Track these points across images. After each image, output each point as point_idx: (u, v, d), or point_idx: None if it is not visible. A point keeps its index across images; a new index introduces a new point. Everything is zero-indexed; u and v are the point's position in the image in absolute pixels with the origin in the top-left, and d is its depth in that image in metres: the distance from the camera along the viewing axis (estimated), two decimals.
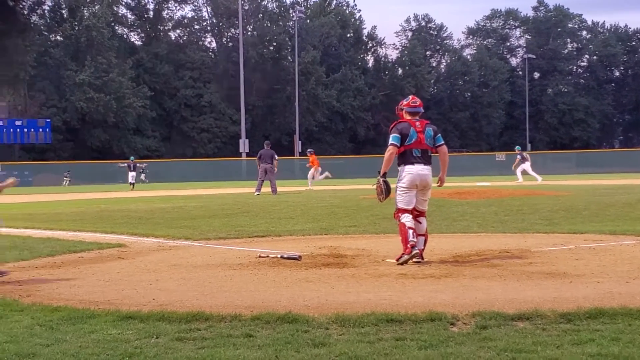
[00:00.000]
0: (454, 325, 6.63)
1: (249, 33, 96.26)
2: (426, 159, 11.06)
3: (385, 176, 11.19)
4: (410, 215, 10.96)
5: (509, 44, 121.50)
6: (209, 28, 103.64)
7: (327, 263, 10.83)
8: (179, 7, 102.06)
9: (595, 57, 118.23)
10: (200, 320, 6.92)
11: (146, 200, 31.93)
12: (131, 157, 56.96)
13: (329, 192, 34.61)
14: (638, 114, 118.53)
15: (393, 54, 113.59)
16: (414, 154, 10.98)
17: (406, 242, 10.79)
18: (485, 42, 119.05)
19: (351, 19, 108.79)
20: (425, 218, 11.18)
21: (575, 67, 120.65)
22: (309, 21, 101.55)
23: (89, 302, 8.04)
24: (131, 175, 51.18)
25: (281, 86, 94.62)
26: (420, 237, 10.94)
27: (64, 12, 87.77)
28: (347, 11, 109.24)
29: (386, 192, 11.22)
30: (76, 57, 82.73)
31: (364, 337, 6.24)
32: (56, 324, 6.95)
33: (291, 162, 75.63)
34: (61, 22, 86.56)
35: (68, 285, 9.41)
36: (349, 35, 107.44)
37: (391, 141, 11.03)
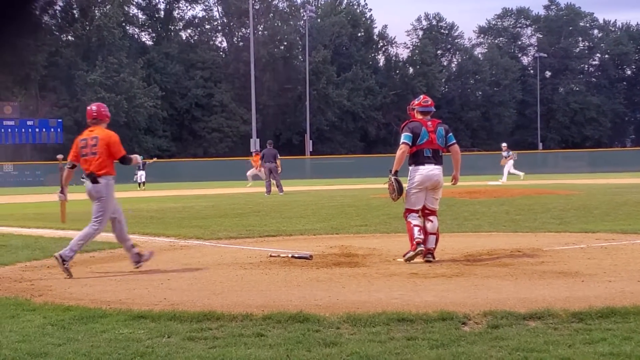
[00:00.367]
0: (466, 324, 6.62)
1: (260, 32, 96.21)
2: (437, 159, 11.07)
3: (397, 174, 11.18)
4: (416, 214, 11.01)
5: (520, 42, 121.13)
6: (219, 28, 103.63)
7: (338, 262, 10.84)
8: (189, 7, 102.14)
9: (606, 56, 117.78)
10: (211, 320, 6.93)
11: (157, 199, 32.00)
12: (140, 156, 57.09)
13: (339, 192, 34.60)
14: None
15: (404, 53, 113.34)
16: (425, 154, 11.00)
17: (412, 239, 10.87)
18: (496, 41, 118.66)
19: (362, 18, 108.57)
20: (436, 217, 11.18)
21: (586, 66, 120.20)
22: (319, 20, 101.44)
23: (100, 301, 8.06)
24: (140, 174, 51.37)
25: (292, 85, 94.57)
26: (431, 236, 10.96)
27: (75, 12, 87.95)
28: (358, 10, 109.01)
29: (398, 190, 11.22)
30: (87, 57, 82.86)
31: (375, 337, 6.23)
32: (68, 323, 6.97)
33: (302, 161, 75.60)
34: (72, 22, 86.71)
35: (80, 284, 9.44)
36: (359, 34, 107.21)
37: (403, 140, 11.05)
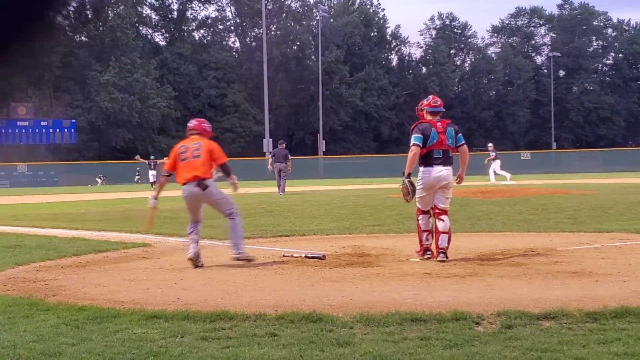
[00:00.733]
0: (479, 324, 6.61)
1: (273, 32, 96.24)
2: (447, 159, 11.07)
3: (409, 177, 11.19)
4: (427, 216, 11.05)
5: (533, 42, 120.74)
6: (232, 28, 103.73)
7: (352, 262, 10.84)
8: (202, 7, 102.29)
9: (620, 55, 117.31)
10: (224, 320, 6.94)
11: (170, 199, 31.99)
12: (151, 156, 57.42)
13: (352, 192, 34.59)
14: None
15: (417, 52, 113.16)
16: (434, 155, 11.00)
17: (421, 243, 10.93)
18: (509, 41, 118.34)
19: (375, 17, 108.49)
20: (447, 216, 11.14)
21: (600, 65, 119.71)
22: (332, 20, 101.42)
23: (114, 301, 8.09)
24: (152, 174, 51.53)
25: (305, 85, 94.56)
26: (443, 235, 10.95)
27: (88, 13, 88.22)
28: (371, 10, 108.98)
29: (412, 192, 11.22)
30: (101, 57, 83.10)
31: (389, 337, 6.23)
32: (82, 323, 6.99)
33: (315, 161, 75.59)
34: (86, 22, 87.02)
35: (93, 284, 9.47)
36: (372, 34, 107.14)
37: (413, 141, 11.02)
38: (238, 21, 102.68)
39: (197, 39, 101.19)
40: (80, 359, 5.79)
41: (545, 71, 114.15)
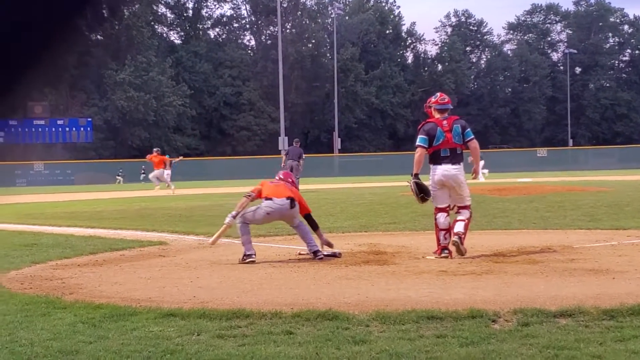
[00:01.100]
0: (496, 322, 6.59)
1: (288, 30, 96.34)
2: (455, 157, 11.08)
3: (417, 177, 11.23)
4: (444, 214, 11.04)
5: (549, 39, 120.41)
6: (247, 26, 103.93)
7: (367, 260, 10.83)
8: (218, 6, 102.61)
9: (637, 52, 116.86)
10: (240, 318, 6.94)
11: (186, 198, 32.12)
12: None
13: (368, 190, 34.56)
14: None
15: (432, 50, 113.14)
16: (441, 154, 11.06)
17: (438, 242, 10.91)
18: (525, 37, 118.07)
19: (390, 15, 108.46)
20: (468, 210, 11.22)
21: (617, 62, 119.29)
22: (347, 18, 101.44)
23: (130, 299, 8.10)
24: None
25: (320, 83, 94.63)
26: (460, 222, 10.99)
27: (104, 11, 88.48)
28: (386, 7, 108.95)
29: (419, 191, 11.22)
30: (116, 56, 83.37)
31: (405, 334, 6.21)
32: (99, 321, 7.01)
33: (330, 159, 75.61)
34: (102, 21, 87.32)
35: (110, 282, 9.49)
36: (387, 31, 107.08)
37: (418, 143, 11.19)
38: (253, 19, 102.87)
39: (212, 37, 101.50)
40: (97, 357, 5.81)
41: (562, 68, 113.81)
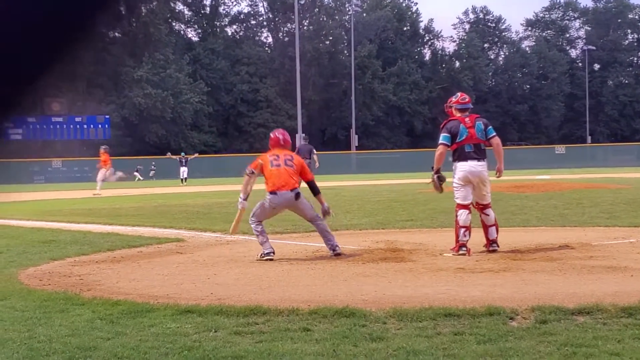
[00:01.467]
0: (513, 319, 6.57)
1: (305, 27, 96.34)
2: (480, 153, 11.13)
3: (439, 172, 11.38)
4: (466, 212, 11.03)
5: (568, 35, 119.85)
6: (265, 23, 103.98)
7: (385, 257, 10.82)
8: (235, 3, 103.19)
9: None
10: (258, 314, 6.94)
11: (203, 195, 32.18)
12: (182, 152, 58.31)
13: (385, 187, 34.53)
14: None
15: (450, 46, 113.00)
16: (466, 149, 11.10)
17: (457, 239, 10.92)
18: (544, 34, 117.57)
19: (407, 12, 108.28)
20: (491, 209, 11.28)
21: (636, 59, 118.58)
22: (365, 15, 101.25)
23: (148, 296, 8.13)
24: (182, 171, 52.55)
25: (337, 80, 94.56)
26: (491, 228, 11.18)
27: (121, 9, 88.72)
28: (404, 4, 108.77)
29: (441, 184, 11.47)
30: (134, 53, 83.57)
31: (422, 332, 6.20)
32: (116, 317, 7.03)
33: (347, 156, 75.58)
34: (119, 18, 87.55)
35: (128, 279, 9.52)
36: (405, 28, 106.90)
37: (441, 140, 11.30)
38: (270, 16, 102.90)
39: (229, 34, 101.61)
40: (115, 353, 5.83)
41: (580, 65, 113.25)
